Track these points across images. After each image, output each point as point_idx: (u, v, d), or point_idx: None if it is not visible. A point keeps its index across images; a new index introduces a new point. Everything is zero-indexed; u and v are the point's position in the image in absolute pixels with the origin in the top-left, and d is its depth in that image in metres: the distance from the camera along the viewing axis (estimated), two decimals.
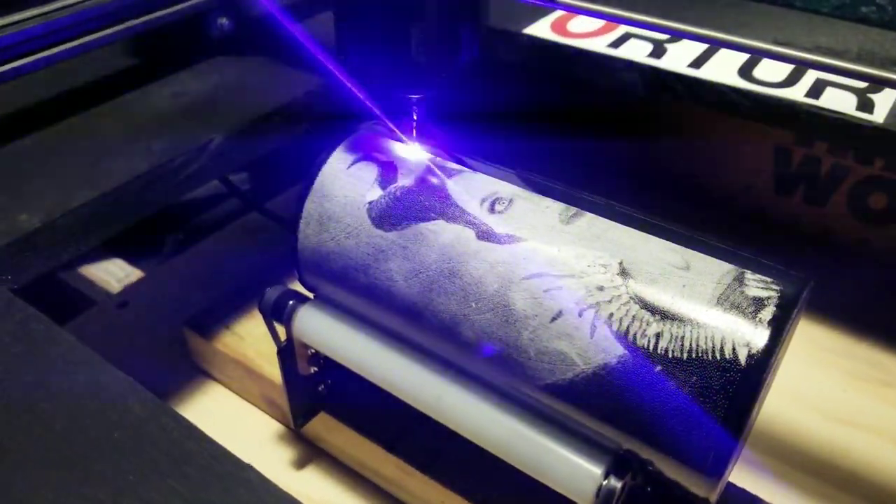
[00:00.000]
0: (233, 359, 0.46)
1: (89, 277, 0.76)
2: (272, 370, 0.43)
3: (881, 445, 0.44)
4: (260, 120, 0.40)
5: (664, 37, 0.49)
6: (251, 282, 0.50)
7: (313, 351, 0.38)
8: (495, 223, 0.30)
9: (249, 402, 0.48)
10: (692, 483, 0.27)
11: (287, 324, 0.36)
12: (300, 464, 0.44)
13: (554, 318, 0.28)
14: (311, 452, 0.45)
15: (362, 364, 0.34)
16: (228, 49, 0.46)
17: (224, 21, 0.45)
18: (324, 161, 0.34)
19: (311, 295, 0.37)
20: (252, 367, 0.45)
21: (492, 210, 0.31)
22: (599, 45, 0.48)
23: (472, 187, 0.32)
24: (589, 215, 0.30)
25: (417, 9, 0.30)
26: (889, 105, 0.43)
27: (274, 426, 0.46)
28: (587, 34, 0.50)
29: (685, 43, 0.48)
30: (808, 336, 0.51)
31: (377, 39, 0.31)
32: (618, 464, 0.28)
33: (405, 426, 0.40)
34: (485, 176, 0.32)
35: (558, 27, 0.51)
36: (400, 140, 0.35)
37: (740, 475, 0.34)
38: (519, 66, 0.50)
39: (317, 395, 0.41)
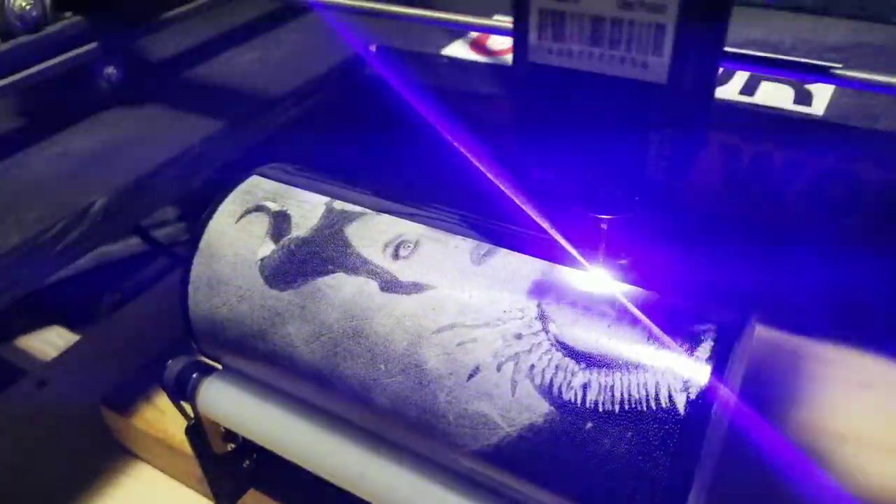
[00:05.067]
0: (154, 437, 0.42)
1: (25, 349, 0.71)
2: None
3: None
4: (150, 176, 0.36)
5: None
6: (175, 346, 0.46)
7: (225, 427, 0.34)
8: (400, 270, 0.27)
9: (178, 480, 0.43)
10: None
11: (191, 400, 0.33)
12: None
13: (471, 376, 0.24)
14: None
15: (274, 441, 0.31)
16: (123, 99, 0.42)
17: (112, 71, 0.42)
18: (209, 216, 0.30)
19: (218, 365, 0.33)
20: (174, 443, 0.41)
21: (396, 256, 0.27)
22: None
23: (374, 231, 0.28)
24: (503, 251, 0.27)
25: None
26: (828, 96, 0.41)
27: None
28: (508, 50, 0.47)
29: None
30: (773, 344, 0.48)
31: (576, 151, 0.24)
32: None
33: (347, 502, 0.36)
34: (388, 217, 0.29)
35: (478, 46, 0.48)
36: (297, 184, 0.31)
37: None
38: (438, 87, 0.47)
39: (242, 471, 0.37)
